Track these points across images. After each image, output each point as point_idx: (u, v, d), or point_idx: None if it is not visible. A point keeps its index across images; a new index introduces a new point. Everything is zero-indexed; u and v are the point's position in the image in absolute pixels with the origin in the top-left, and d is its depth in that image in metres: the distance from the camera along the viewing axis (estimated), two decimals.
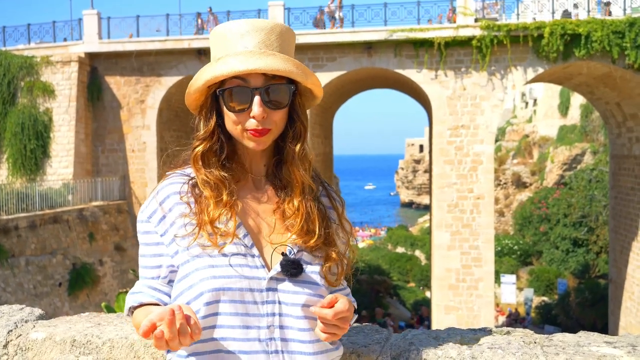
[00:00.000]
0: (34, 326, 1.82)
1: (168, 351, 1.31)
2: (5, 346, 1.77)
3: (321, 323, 1.23)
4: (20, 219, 13.92)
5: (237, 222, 1.28)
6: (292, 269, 1.25)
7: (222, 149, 1.34)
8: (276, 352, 1.24)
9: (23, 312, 1.94)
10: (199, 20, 18.74)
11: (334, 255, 1.33)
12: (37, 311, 1.95)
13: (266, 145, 1.32)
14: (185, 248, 1.27)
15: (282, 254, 1.27)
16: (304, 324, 1.26)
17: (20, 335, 1.79)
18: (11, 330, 1.80)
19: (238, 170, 1.35)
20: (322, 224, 1.34)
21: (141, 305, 1.31)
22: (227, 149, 1.34)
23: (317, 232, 1.32)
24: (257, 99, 1.26)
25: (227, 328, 1.23)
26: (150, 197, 1.34)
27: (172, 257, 1.29)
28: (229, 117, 1.30)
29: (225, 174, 1.31)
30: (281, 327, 1.25)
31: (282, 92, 1.28)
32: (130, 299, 1.33)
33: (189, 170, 1.35)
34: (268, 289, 1.25)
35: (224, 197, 1.28)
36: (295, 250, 1.29)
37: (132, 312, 1.33)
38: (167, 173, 1.38)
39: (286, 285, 1.26)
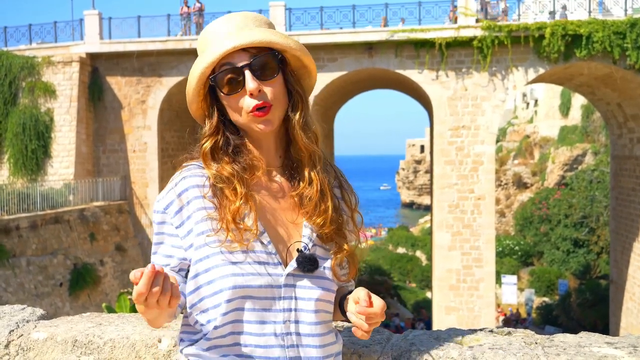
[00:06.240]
0: (36, 326, 1.82)
1: (181, 343, 1.33)
2: (6, 346, 1.77)
3: (364, 322, 1.22)
4: (21, 219, 13.92)
5: (257, 218, 1.28)
6: (308, 265, 1.27)
7: (229, 143, 1.34)
8: (292, 346, 1.26)
9: (24, 312, 1.94)
10: (186, 8, 18.74)
11: (345, 246, 1.34)
12: (39, 311, 1.95)
13: (274, 125, 1.30)
14: (204, 244, 1.26)
15: (298, 250, 1.29)
16: (315, 318, 1.28)
17: (22, 335, 1.79)
18: (13, 330, 1.80)
19: (251, 164, 1.33)
20: (335, 208, 1.34)
21: None
22: (236, 143, 1.34)
23: (330, 212, 1.31)
24: (247, 73, 1.26)
25: (245, 323, 1.25)
26: (167, 188, 1.33)
27: (186, 250, 1.29)
28: (230, 106, 1.31)
29: (237, 167, 1.31)
30: (296, 321, 1.27)
31: (268, 60, 1.28)
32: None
33: None
34: (285, 285, 1.27)
35: (239, 189, 1.28)
36: (310, 246, 1.30)
37: None
38: (184, 164, 1.37)
39: (303, 281, 1.28)
